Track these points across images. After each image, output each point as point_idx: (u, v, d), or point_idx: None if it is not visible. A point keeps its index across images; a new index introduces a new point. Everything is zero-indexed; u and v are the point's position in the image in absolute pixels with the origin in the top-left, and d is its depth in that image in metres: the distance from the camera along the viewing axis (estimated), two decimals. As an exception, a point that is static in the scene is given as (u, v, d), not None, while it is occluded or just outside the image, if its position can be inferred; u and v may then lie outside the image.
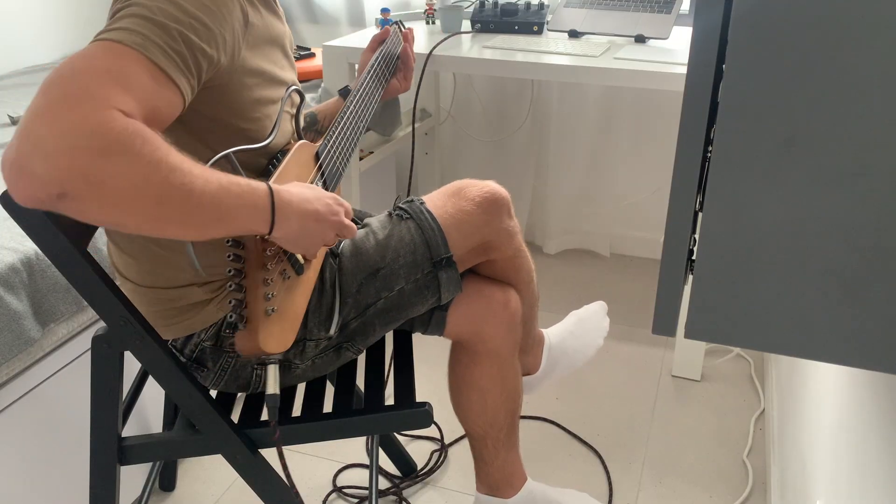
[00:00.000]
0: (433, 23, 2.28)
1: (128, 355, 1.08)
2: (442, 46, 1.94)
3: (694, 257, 0.60)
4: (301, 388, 1.25)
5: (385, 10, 2.11)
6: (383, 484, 1.64)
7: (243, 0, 0.96)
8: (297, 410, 1.16)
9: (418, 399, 1.17)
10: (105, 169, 0.74)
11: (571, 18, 2.08)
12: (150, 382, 1.36)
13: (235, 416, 1.14)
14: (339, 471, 1.68)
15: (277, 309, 0.99)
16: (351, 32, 2.42)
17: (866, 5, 0.48)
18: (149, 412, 1.56)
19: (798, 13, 0.49)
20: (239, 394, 1.22)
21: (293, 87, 1.10)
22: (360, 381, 1.26)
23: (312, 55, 2.31)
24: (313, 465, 1.70)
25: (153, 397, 1.55)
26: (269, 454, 1.13)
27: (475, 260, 1.27)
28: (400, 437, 1.72)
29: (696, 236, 0.59)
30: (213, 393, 1.15)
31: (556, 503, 1.43)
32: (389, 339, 1.33)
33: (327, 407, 1.17)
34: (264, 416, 1.17)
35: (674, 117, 2.41)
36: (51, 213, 0.92)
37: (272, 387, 1.01)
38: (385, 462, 1.68)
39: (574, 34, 2.05)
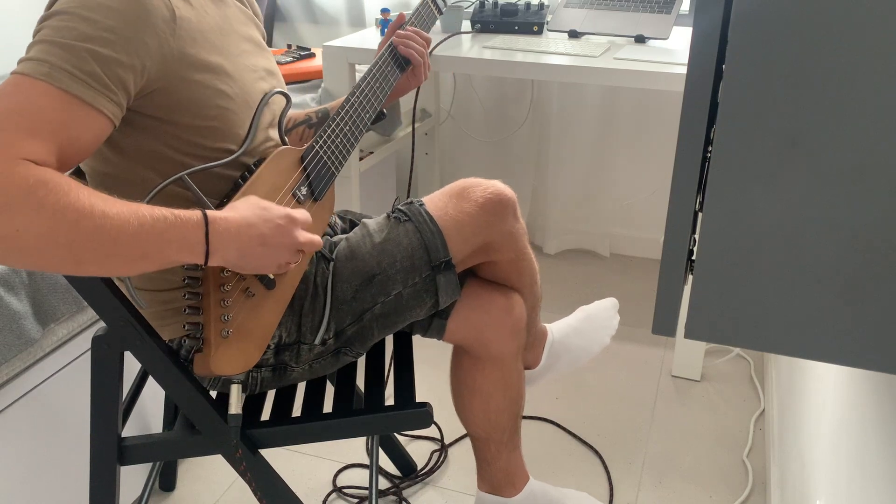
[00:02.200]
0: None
1: (128, 355, 1.08)
2: (442, 46, 1.94)
3: (694, 257, 0.60)
4: (301, 388, 1.25)
5: (385, 11, 2.11)
6: (383, 484, 1.64)
7: None
8: (297, 410, 1.16)
9: (418, 399, 1.17)
10: (7, 225, 0.74)
11: (571, 18, 2.08)
12: (150, 382, 1.36)
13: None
14: (339, 471, 1.68)
15: (236, 330, 0.97)
16: (351, 32, 2.42)
17: (867, 6, 0.48)
18: (149, 412, 1.56)
19: (798, 13, 0.49)
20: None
21: (275, 91, 1.07)
22: (360, 381, 1.26)
23: (312, 55, 2.31)
24: (313, 465, 1.70)
25: (153, 397, 1.56)
26: (269, 454, 1.13)
27: (476, 260, 1.25)
28: (400, 437, 1.72)
29: (696, 236, 0.59)
30: (214, 393, 1.15)
31: (557, 502, 1.43)
32: (389, 339, 1.33)
33: (327, 407, 1.17)
34: (265, 416, 1.17)
35: (674, 117, 2.41)
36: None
37: (234, 407, 1.01)
38: (385, 462, 1.68)
39: (574, 34, 2.05)
